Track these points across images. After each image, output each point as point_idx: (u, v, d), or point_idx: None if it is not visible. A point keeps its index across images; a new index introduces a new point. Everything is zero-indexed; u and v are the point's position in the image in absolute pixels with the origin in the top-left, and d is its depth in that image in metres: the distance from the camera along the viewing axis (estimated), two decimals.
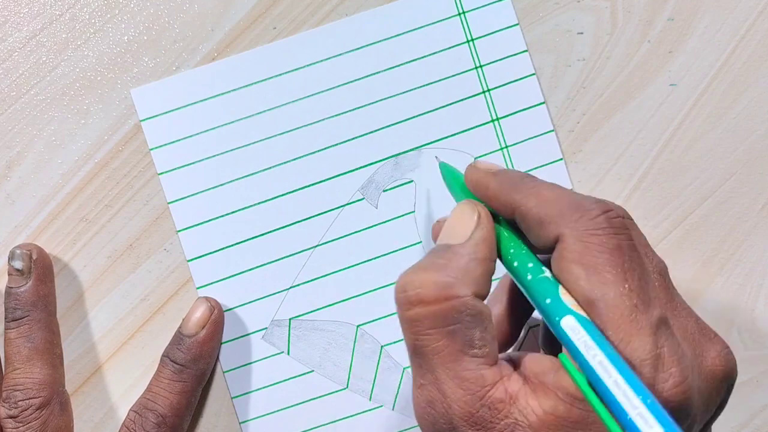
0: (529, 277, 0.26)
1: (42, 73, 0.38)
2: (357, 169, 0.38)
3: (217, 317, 0.36)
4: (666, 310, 0.25)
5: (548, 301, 0.25)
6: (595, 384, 0.23)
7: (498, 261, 0.28)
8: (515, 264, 0.27)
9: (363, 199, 0.38)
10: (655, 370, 0.23)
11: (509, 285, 0.31)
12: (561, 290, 0.25)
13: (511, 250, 0.27)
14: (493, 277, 0.27)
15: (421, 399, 0.26)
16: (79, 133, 0.38)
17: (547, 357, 0.25)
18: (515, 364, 0.26)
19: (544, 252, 0.27)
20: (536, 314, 0.28)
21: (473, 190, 0.29)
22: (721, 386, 0.25)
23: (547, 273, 0.26)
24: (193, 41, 0.38)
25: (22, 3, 0.38)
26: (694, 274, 0.38)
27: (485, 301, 0.26)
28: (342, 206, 0.38)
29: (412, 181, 0.38)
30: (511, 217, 0.28)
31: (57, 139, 0.38)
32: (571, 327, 0.24)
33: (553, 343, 0.28)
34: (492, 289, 0.29)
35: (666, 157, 0.38)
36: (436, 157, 0.37)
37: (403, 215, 0.38)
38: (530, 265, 0.26)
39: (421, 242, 0.38)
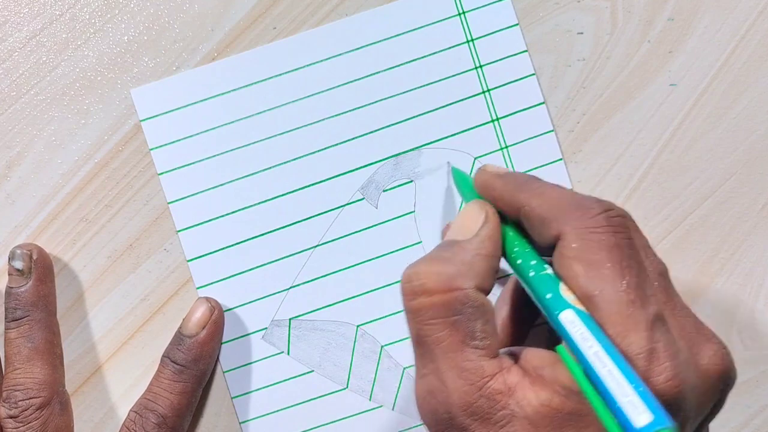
0: (532, 273, 0.27)
1: (42, 73, 0.38)
2: (357, 169, 0.38)
3: (217, 317, 0.37)
4: (663, 308, 0.26)
5: (549, 296, 0.25)
6: (590, 374, 0.23)
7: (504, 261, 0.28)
8: (519, 261, 0.28)
9: (363, 199, 0.38)
10: (649, 364, 0.24)
11: (514, 288, 0.31)
12: (562, 286, 0.26)
13: (516, 248, 0.28)
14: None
15: (422, 388, 0.26)
16: (79, 133, 0.38)
17: (547, 351, 0.26)
18: (516, 357, 0.26)
19: (547, 250, 0.27)
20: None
21: (481, 191, 0.30)
22: (717, 385, 0.26)
23: (549, 270, 0.26)
24: (193, 41, 0.38)
25: (22, 3, 0.38)
26: (694, 274, 0.38)
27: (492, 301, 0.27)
28: (342, 206, 0.38)
29: (412, 181, 0.38)
30: (516, 217, 0.28)
31: (57, 139, 0.38)
32: (570, 320, 0.24)
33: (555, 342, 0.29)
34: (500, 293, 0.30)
35: (666, 157, 0.38)
36: (448, 162, 0.38)
37: (403, 215, 0.38)
38: (533, 262, 0.27)
39: (421, 242, 0.38)
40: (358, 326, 0.38)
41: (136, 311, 0.38)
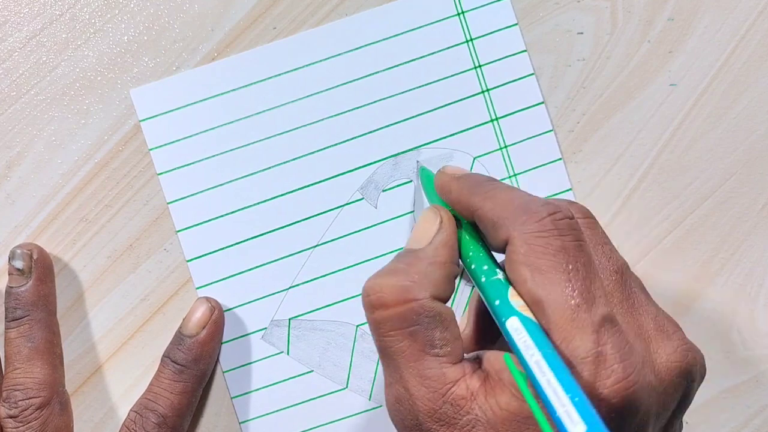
0: (483, 279, 0.27)
1: (42, 73, 0.38)
2: (357, 169, 0.38)
3: (217, 317, 0.37)
4: (616, 308, 0.26)
5: (497, 302, 0.25)
6: (533, 383, 0.23)
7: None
8: (472, 267, 0.27)
9: (362, 199, 0.38)
10: (596, 368, 0.24)
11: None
12: (510, 292, 0.25)
13: (470, 253, 0.28)
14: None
15: (390, 396, 0.27)
16: (79, 133, 0.38)
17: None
18: (480, 361, 0.26)
19: (503, 253, 0.27)
20: None
21: (440, 194, 0.30)
22: (678, 381, 0.26)
23: (500, 275, 0.26)
24: (193, 41, 0.38)
25: (22, 3, 0.39)
26: (694, 274, 0.38)
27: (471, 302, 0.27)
28: (341, 206, 0.38)
29: (411, 180, 0.38)
30: (472, 220, 0.28)
31: (57, 139, 0.38)
32: (515, 328, 0.24)
33: None
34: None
35: (666, 157, 0.38)
36: (417, 161, 0.37)
37: (402, 215, 0.38)
38: (485, 267, 0.27)
39: None
40: (357, 326, 0.38)
41: (136, 311, 0.38)
